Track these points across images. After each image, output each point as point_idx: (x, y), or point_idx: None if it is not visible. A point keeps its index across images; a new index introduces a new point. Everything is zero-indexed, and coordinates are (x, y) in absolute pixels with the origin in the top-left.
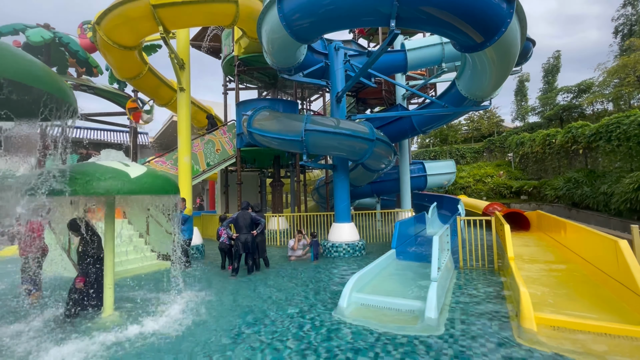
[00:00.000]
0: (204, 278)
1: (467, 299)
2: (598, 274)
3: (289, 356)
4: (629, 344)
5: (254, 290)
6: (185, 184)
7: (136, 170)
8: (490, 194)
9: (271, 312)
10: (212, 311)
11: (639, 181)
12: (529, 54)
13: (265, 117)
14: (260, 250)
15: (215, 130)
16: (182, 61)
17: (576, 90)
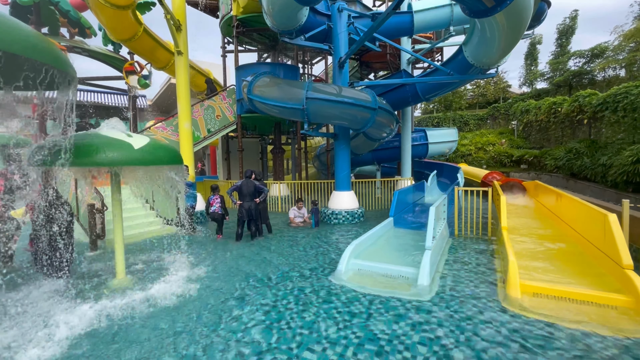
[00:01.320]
0: (208, 243)
1: (459, 266)
2: (587, 245)
3: (290, 317)
4: (605, 311)
5: (258, 254)
6: (187, 151)
7: (139, 141)
8: (491, 163)
9: (273, 276)
10: (217, 274)
11: (638, 154)
12: (543, 17)
13: (266, 84)
14: (263, 216)
15: (215, 96)
16: (178, 22)
17: (589, 54)
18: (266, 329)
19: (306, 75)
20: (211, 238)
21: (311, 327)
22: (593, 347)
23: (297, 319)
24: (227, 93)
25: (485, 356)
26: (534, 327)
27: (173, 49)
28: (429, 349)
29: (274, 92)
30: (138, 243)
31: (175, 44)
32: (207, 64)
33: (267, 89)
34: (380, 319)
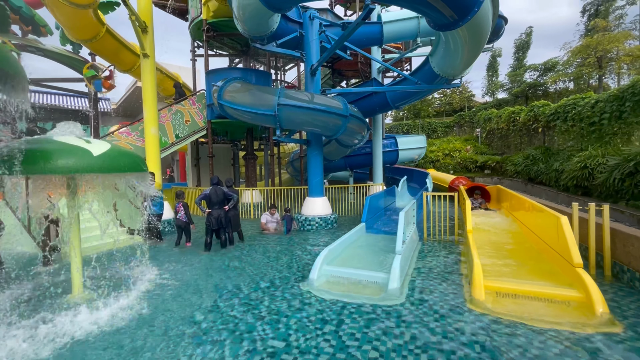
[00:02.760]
0: (176, 253)
1: (427, 269)
2: (544, 245)
3: (261, 327)
4: (559, 307)
5: (228, 264)
6: (153, 157)
7: (99, 147)
8: (458, 168)
9: (244, 286)
10: (184, 286)
11: (585, 160)
12: (501, 32)
13: (237, 89)
14: (235, 224)
15: (184, 100)
16: (144, 24)
17: (542, 68)
18: (235, 341)
19: (278, 82)
20: (179, 248)
21: (282, 337)
22: (548, 343)
23: (268, 330)
24: (197, 98)
25: (454, 356)
26: (496, 326)
27: (139, 51)
28: (398, 354)
29: (245, 97)
30: (98, 255)
31: (141, 47)
32: (175, 67)
33: (238, 94)
34: (352, 326)
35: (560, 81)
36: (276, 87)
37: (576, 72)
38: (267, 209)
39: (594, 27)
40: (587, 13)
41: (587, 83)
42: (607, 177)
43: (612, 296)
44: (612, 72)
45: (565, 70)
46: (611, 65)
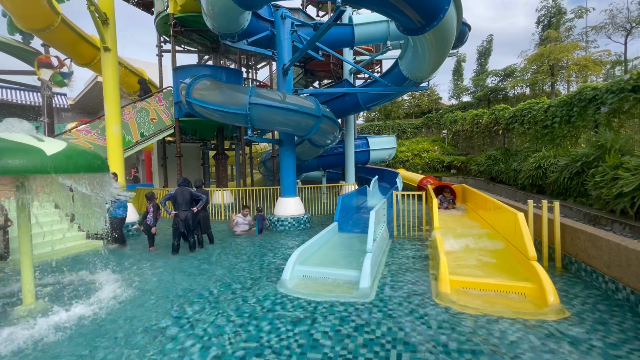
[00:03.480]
0: (141, 257)
1: (397, 266)
2: (503, 240)
3: (232, 330)
4: (516, 298)
5: (197, 267)
6: (116, 157)
7: (53, 145)
8: (426, 168)
9: (214, 289)
10: (150, 292)
11: (539, 161)
12: (465, 39)
13: (206, 87)
14: (204, 226)
15: (149, 97)
16: (105, 15)
17: (502, 74)
18: (205, 346)
19: (250, 80)
20: (144, 252)
21: (254, 339)
22: (507, 332)
23: (240, 332)
24: (164, 95)
25: (422, 348)
26: (460, 319)
27: (99, 44)
28: (369, 350)
29: (215, 96)
30: (54, 261)
31: (102, 40)
32: (140, 62)
33: (207, 92)
34: (324, 324)
35: (518, 86)
36: (247, 86)
37: (532, 79)
38: (239, 210)
39: (547, 37)
40: (541, 24)
41: (541, 89)
42: (558, 176)
43: (561, 286)
44: (563, 80)
45: (522, 77)
46: (562, 73)
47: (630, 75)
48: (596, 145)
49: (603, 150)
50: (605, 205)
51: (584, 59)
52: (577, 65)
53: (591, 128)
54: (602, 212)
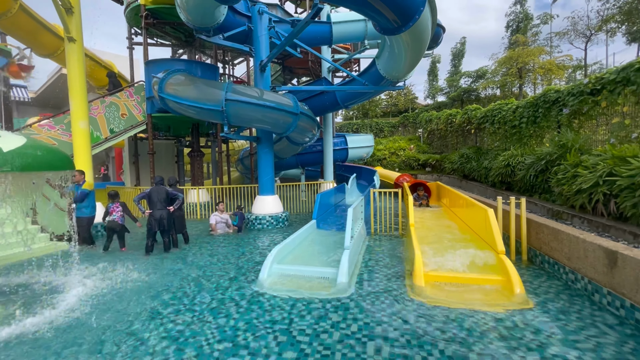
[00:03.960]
0: (112, 259)
1: (374, 262)
2: (475, 236)
3: (208, 331)
4: (487, 290)
5: (171, 268)
6: (83, 154)
7: (11, 141)
8: (402, 166)
9: (189, 290)
10: (121, 294)
11: (508, 159)
12: (440, 40)
13: (180, 82)
14: (179, 225)
15: (120, 92)
16: (69, 4)
17: (475, 75)
18: (179, 348)
19: (226, 76)
20: (116, 253)
21: (230, 339)
22: (479, 322)
23: (215, 333)
24: (135, 89)
25: (397, 343)
26: (434, 311)
27: (62, 34)
28: (346, 345)
29: (189, 91)
30: (15, 265)
31: (66, 29)
32: (110, 55)
33: (181, 87)
34: (302, 322)
35: (489, 88)
36: (223, 82)
37: (502, 81)
38: (214, 209)
39: (515, 41)
40: (510, 28)
41: (510, 90)
42: (524, 174)
43: (527, 278)
44: (530, 82)
45: (493, 79)
46: (529, 76)
47: (589, 79)
48: (558, 145)
49: (565, 149)
50: (567, 201)
51: (549, 63)
52: (542, 69)
53: (554, 128)
54: (563, 208)
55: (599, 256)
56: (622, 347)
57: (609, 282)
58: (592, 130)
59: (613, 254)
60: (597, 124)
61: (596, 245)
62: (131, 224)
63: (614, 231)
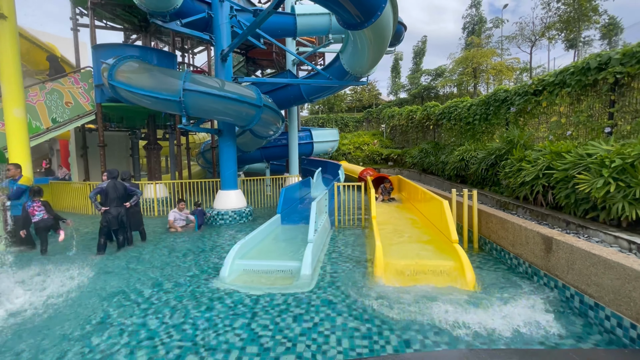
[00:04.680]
0: (57, 259)
1: (337, 254)
2: (432, 226)
3: (165, 332)
4: (442, 276)
5: (126, 267)
6: (19, 145)
7: None
8: (366, 160)
9: (146, 290)
10: (69, 298)
11: (462, 154)
12: (401, 38)
13: (134, 69)
14: (135, 222)
15: (63, 78)
16: None
17: (434, 73)
18: (132, 351)
19: (185, 65)
20: (62, 253)
21: (189, 338)
22: (434, 308)
23: (172, 333)
24: (82, 76)
25: (357, 333)
26: (394, 299)
27: None
28: (308, 337)
29: (144, 79)
30: None
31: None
32: (52, 37)
33: (135, 75)
34: (264, 317)
35: (447, 86)
36: (181, 71)
37: (458, 79)
38: (174, 205)
39: (471, 43)
40: (466, 30)
41: (466, 89)
42: (477, 167)
43: (478, 264)
44: (484, 82)
45: (450, 77)
46: (482, 76)
47: (533, 81)
48: (506, 141)
49: (511, 145)
50: (512, 192)
51: (499, 65)
52: (494, 70)
53: (503, 125)
54: (510, 199)
55: (537, 242)
56: (553, 323)
57: (545, 265)
58: (535, 127)
59: (549, 240)
60: (539, 121)
61: (535, 233)
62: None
63: (551, 219)
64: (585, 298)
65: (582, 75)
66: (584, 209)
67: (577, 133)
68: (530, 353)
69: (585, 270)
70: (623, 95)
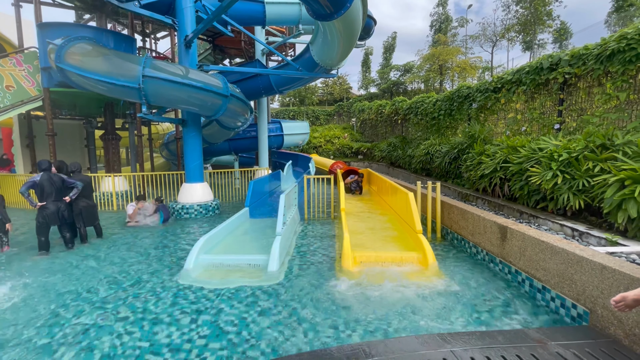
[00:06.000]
0: None
1: (306, 247)
2: (399, 218)
3: (121, 331)
4: (408, 266)
5: (78, 266)
6: None
7: None
8: (337, 153)
9: (101, 288)
10: (12, 301)
11: (428, 148)
12: (371, 31)
13: (86, 52)
14: (90, 217)
15: (3, 59)
16: None
17: (403, 69)
18: (85, 354)
19: (147, 51)
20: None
21: (147, 337)
22: (401, 297)
23: (130, 332)
24: (25, 57)
25: (325, 324)
26: (359, 290)
27: None
28: (275, 330)
29: (98, 63)
30: None
31: None
32: None
33: (87, 58)
34: (230, 312)
35: (415, 82)
36: (141, 56)
37: (425, 76)
38: (132, 199)
39: (437, 40)
40: (433, 28)
41: (432, 85)
42: (441, 161)
43: (440, 253)
44: (449, 78)
45: (418, 73)
46: (448, 73)
47: (493, 79)
48: (468, 135)
49: (473, 139)
50: (473, 184)
51: (464, 63)
52: (458, 67)
53: (466, 120)
54: (470, 191)
55: (494, 231)
56: (507, 307)
57: (500, 252)
58: (494, 123)
59: (504, 228)
60: (498, 117)
61: (492, 222)
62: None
63: (506, 210)
64: (535, 282)
65: (536, 75)
66: (535, 199)
67: (530, 129)
68: (487, 334)
69: (535, 257)
70: (570, 95)
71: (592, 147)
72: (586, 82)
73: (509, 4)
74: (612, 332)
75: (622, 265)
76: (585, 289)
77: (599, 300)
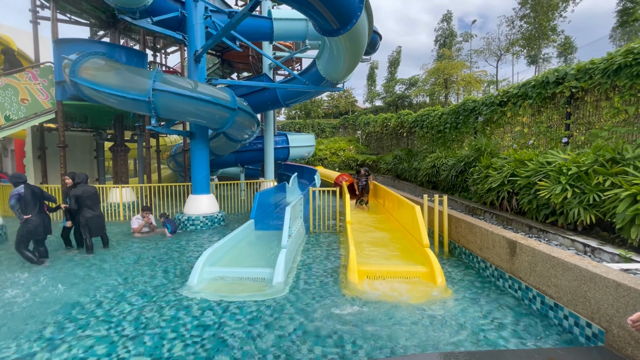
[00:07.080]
0: (1, 269)
1: (312, 260)
2: (405, 231)
3: (123, 346)
4: (414, 281)
5: (83, 277)
6: None
7: None
8: (342, 166)
9: (105, 300)
10: (12, 313)
11: (434, 161)
12: (377, 46)
13: (99, 67)
14: (96, 227)
15: (19, 73)
16: None
17: (408, 83)
18: None
19: (157, 65)
20: (9, 262)
21: (150, 351)
22: (401, 313)
23: (135, 345)
24: (41, 72)
25: (330, 340)
26: (366, 306)
27: None
28: (279, 346)
29: (110, 77)
30: None
31: None
32: (9, 29)
33: (100, 73)
34: (234, 326)
35: (420, 95)
36: (151, 70)
37: (430, 89)
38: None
39: (442, 55)
40: (438, 43)
41: (438, 99)
42: (447, 174)
43: (447, 268)
44: (454, 92)
45: (423, 87)
46: (453, 87)
47: (498, 92)
48: (474, 148)
49: (479, 152)
50: (480, 198)
51: (469, 77)
52: (463, 81)
53: (472, 134)
54: (478, 204)
55: (503, 246)
56: (517, 325)
57: (510, 268)
58: (500, 136)
59: (513, 243)
60: (504, 131)
61: (501, 237)
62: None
63: (515, 224)
64: (546, 299)
65: (542, 89)
66: (544, 214)
67: (537, 142)
68: (497, 354)
69: (546, 272)
70: (578, 108)
71: (602, 161)
72: (593, 96)
73: (513, 19)
74: (629, 353)
75: (638, 283)
76: (600, 307)
77: (614, 319)
